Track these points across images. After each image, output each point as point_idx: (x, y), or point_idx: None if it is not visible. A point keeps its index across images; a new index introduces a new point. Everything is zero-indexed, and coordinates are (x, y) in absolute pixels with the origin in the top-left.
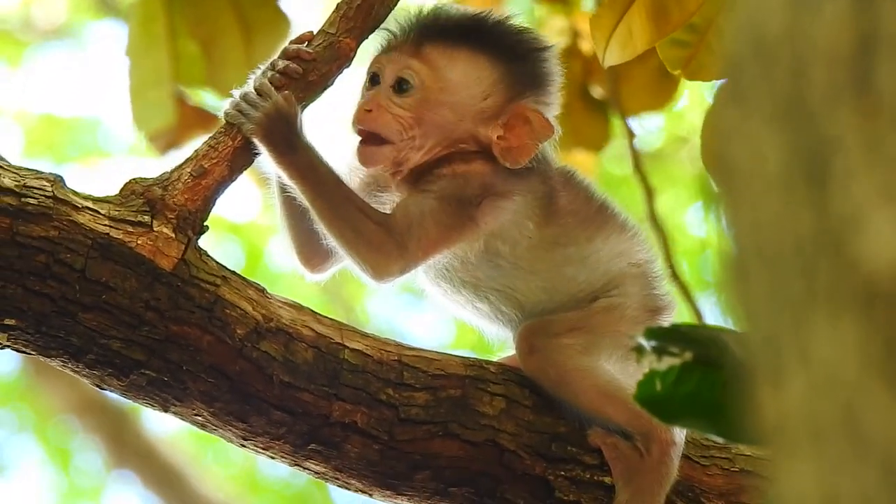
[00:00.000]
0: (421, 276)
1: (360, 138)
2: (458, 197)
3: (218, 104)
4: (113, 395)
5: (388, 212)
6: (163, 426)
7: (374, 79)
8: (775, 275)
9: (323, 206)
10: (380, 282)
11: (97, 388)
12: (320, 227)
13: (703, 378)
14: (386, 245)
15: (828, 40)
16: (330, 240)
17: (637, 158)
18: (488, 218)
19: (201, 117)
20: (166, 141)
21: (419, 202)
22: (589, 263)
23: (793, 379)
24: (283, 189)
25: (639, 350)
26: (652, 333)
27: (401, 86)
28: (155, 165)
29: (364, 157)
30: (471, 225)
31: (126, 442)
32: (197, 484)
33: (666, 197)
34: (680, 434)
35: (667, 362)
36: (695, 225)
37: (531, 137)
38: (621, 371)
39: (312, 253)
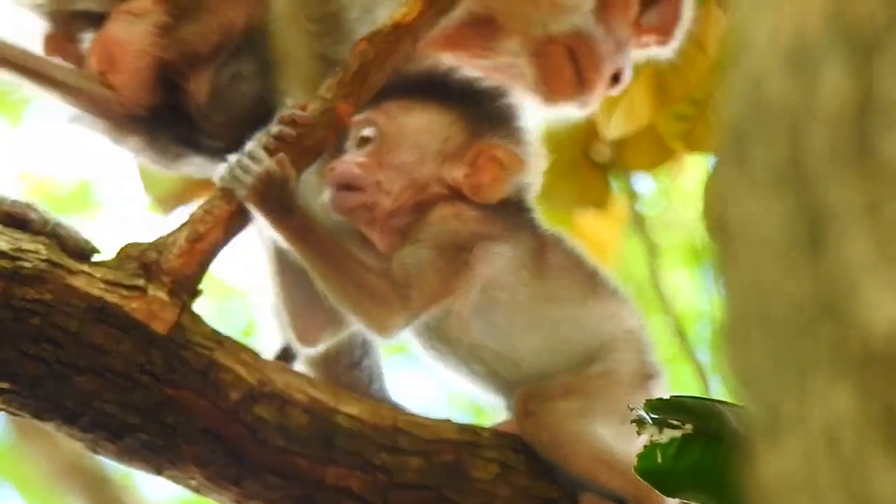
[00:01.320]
0: (416, 339)
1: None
2: (451, 243)
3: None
4: (97, 460)
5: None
6: (151, 491)
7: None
8: (774, 338)
9: (323, 264)
10: (385, 335)
11: (89, 453)
12: (321, 286)
13: (704, 450)
14: (388, 297)
15: (827, 105)
16: (332, 298)
17: (639, 219)
18: (483, 264)
19: (206, 181)
20: (172, 202)
21: (414, 252)
22: (584, 325)
23: (791, 441)
24: (277, 260)
25: (640, 422)
26: (653, 405)
27: (363, 140)
28: (157, 223)
29: (335, 203)
30: (466, 270)
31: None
32: None
33: (666, 259)
34: (673, 501)
35: (668, 434)
36: (694, 288)
37: (501, 171)
38: (617, 437)
39: (307, 325)
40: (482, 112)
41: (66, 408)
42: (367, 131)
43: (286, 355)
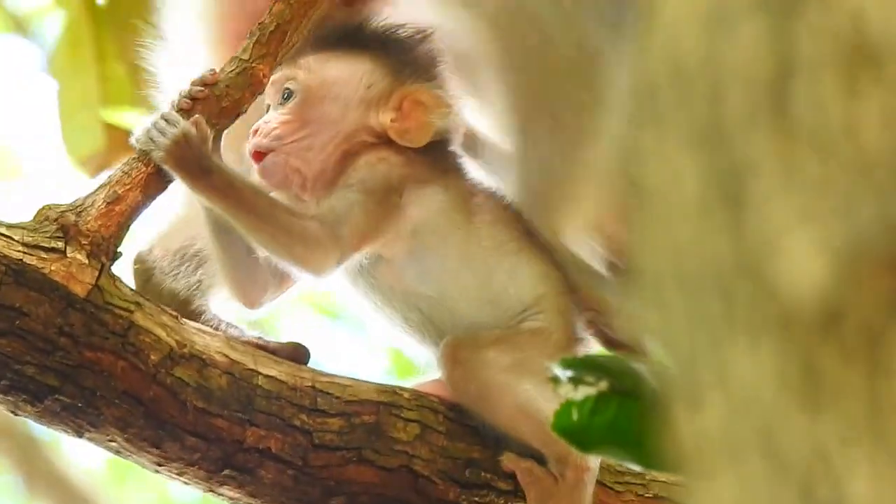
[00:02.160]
0: (349, 289)
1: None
2: (381, 185)
3: None
4: (24, 422)
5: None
6: (78, 452)
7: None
8: (692, 298)
9: (249, 217)
10: (320, 275)
11: (10, 415)
12: (251, 239)
13: (619, 407)
14: (319, 237)
15: (744, 63)
16: (263, 248)
17: None
18: (413, 206)
19: (129, 140)
20: (96, 164)
21: (343, 196)
22: (517, 277)
23: (710, 401)
24: (211, 224)
25: (555, 380)
26: (568, 363)
27: (283, 97)
28: (73, 185)
29: (263, 173)
30: (396, 212)
31: (38, 467)
32: None
33: None
34: (595, 460)
35: (583, 392)
36: None
37: (426, 115)
38: (542, 396)
39: (249, 287)
40: (404, 57)
41: None
42: (287, 86)
43: (298, 353)
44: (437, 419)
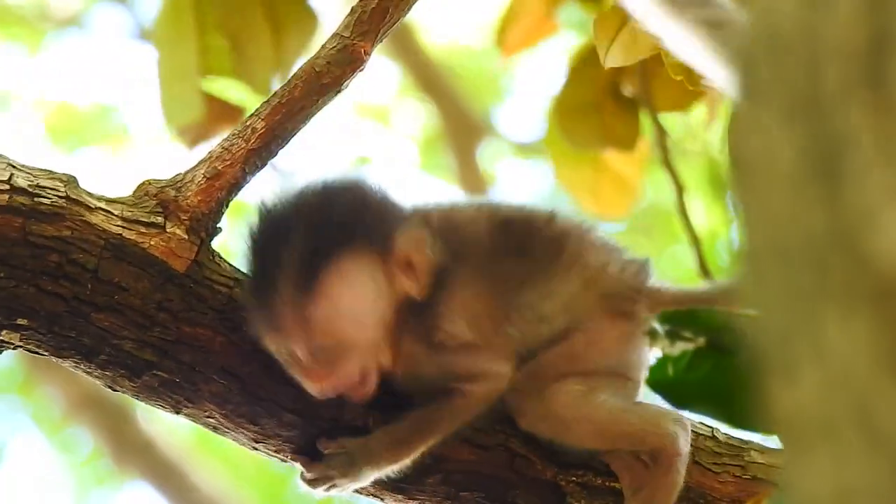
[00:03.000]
0: None
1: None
2: (444, 348)
3: (245, 98)
4: (115, 394)
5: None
6: (166, 421)
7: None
8: (788, 270)
9: (439, 435)
10: (510, 372)
11: (108, 389)
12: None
13: (715, 364)
14: (485, 394)
15: (841, 37)
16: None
17: (667, 156)
18: (448, 328)
19: (229, 111)
20: (195, 135)
21: (444, 370)
22: (546, 318)
23: (805, 374)
24: None
25: (652, 334)
26: (666, 317)
27: (322, 352)
28: (171, 154)
29: (361, 397)
30: (463, 346)
31: (127, 437)
32: (199, 478)
33: (693, 195)
34: (685, 444)
35: (680, 347)
36: (721, 223)
37: (423, 260)
38: (618, 401)
39: None
40: (373, 227)
41: (84, 345)
42: (323, 345)
43: None
44: None
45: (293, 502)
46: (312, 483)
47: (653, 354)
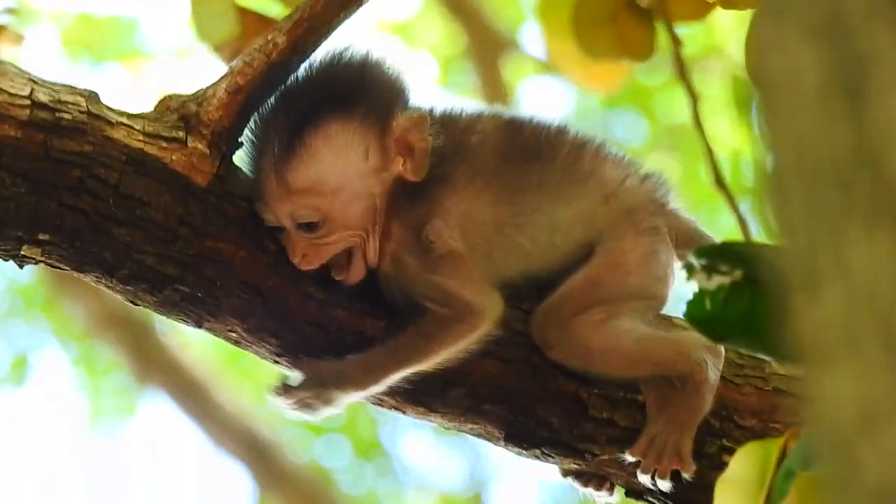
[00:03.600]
0: None
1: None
2: (434, 257)
3: (279, 11)
4: (139, 309)
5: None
6: (190, 335)
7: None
8: (812, 188)
9: (411, 365)
10: (494, 328)
11: (130, 303)
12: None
13: (753, 297)
14: (468, 327)
15: None
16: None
17: (682, 67)
18: (443, 238)
19: (263, 24)
20: (232, 50)
21: (431, 284)
22: (560, 225)
23: (829, 290)
24: None
25: (688, 268)
26: (701, 251)
27: (308, 227)
28: (190, 67)
29: (347, 279)
30: (453, 254)
31: (151, 353)
32: (223, 395)
33: (709, 107)
34: (714, 371)
35: (716, 281)
36: (732, 134)
37: (422, 141)
38: (645, 327)
39: None
40: (371, 102)
41: (106, 260)
42: (302, 217)
43: None
44: None
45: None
46: (287, 401)
47: (689, 289)
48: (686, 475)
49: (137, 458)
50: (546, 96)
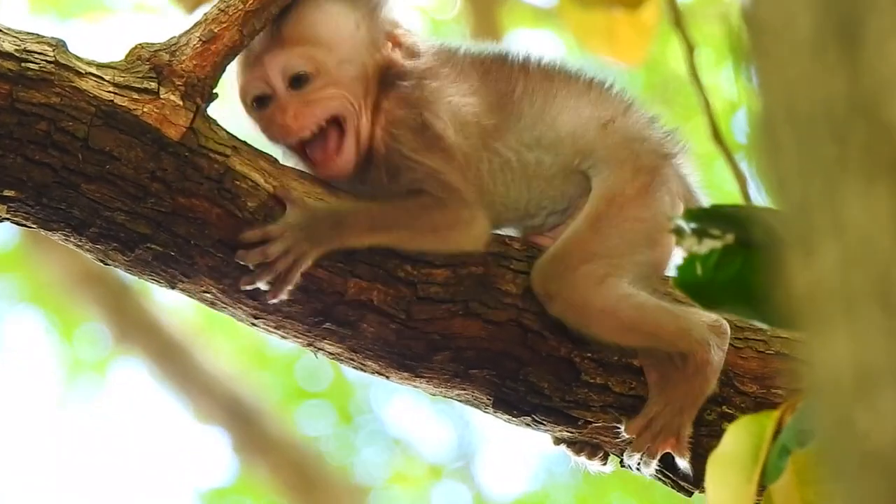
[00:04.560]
0: None
1: (312, 147)
2: (416, 142)
3: None
4: (116, 270)
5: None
6: (168, 298)
7: (261, 99)
8: (806, 139)
9: (393, 238)
10: (481, 245)
11: (101, 263)
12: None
13: (745, 261)
14: (456, 217)
15: None
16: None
17: (677, 14)
18: (438, 123)
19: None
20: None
21: (413, 171)
22: (548, 142)
23: (825, 248)
24: None
25: (678, 232)
26: (692, 214)
27: (298, 81)
28: (159, 24)
29: (342, 164)
30: (443, 139)
31: (129, 314)
32: (202, 357)
33: (705, 57)
34: (719, 352)
35: (707, 245)
36: (727, 85)
37: (405, 40)
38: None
39: None
40: None
41: (74, 217)
42: (296, 68)
43: None
44: None
45: (300, 384)
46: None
47: (680, 253)
48: (680, 461)
49: (113, 424)
50: (540, 47)
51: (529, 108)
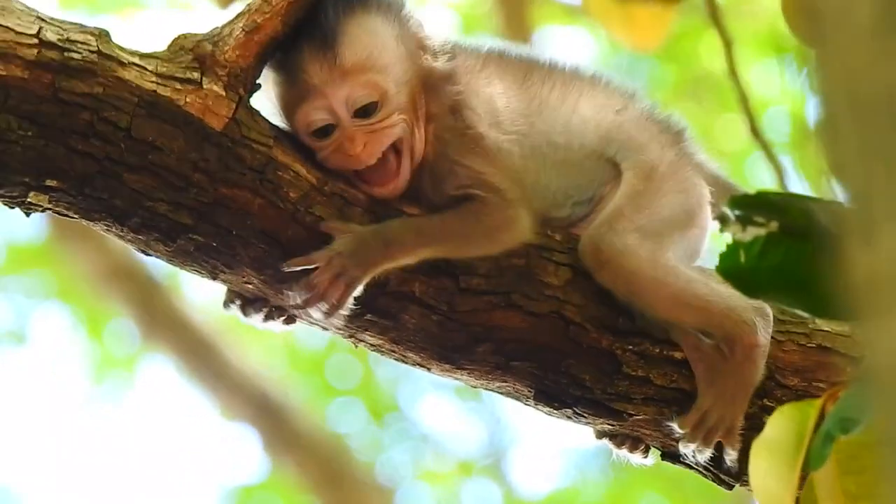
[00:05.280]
0: None
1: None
2: (460, 143)
3: None
4: (145, 262)
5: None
6: (198, 293)
7: (325, 129)
8: (867, 127)
9: (441, 249)
10: (531, 234)
11: (141, 254)
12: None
13: (789, 249)
14: (503, 217)
15: None
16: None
17: (715, 10)
18: (474, 119)
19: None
20: None
21: (460, 174)
22: (573, 126)
23: (885, 235)
24: None
25: (722, 219)
26: (736, 201)
27: (367, 111)
28: (193, 21)
29: (399, 184)
30: (482, 138)
31: (157, 309)
32: (231, 354)
33: (742, 52)
34: (765, 335)
35: (752, 232)
36: (763, 81)
37: (429, 43)
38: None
39: None
40: (389, 5)
41: (117, 207)
42: (362, 99)
43: None
44: None
45: (329, 382)
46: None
47: (723, 240)
48: (730, 452)
49: (141, 422)
50: (569, 44)
51: (552, 96)
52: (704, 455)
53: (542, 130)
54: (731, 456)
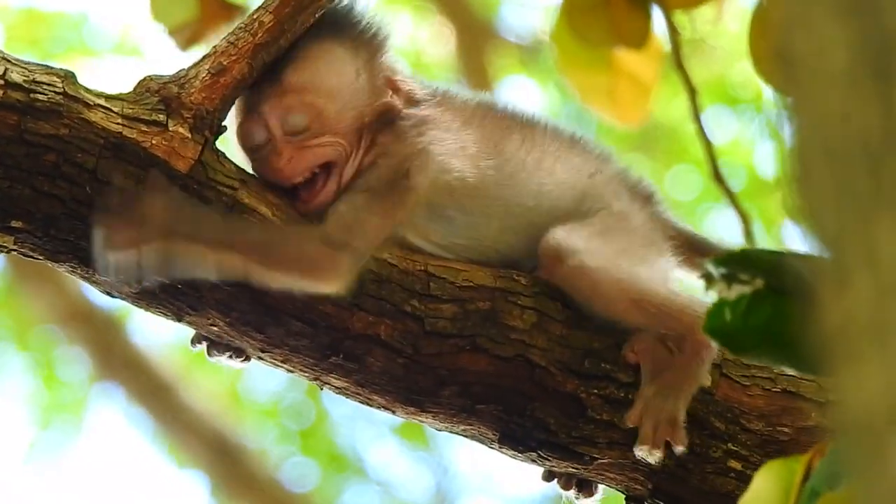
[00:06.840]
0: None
1: (301, 186)
2: (386, 179)
3: None
4: (100, 303)
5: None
6: (152, 337)
7: (257, 148)
8: (840, 172)
9: (255, 270)
10: (343, 290)
11: (106, 296)
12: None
13: (775, 307)
14: (331, 257)
15: None
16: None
17: (680, 56)
18: (420, 176)
19: (224, 9)
20: (189, 35)
21: (349, 202)
22: (545, 189)
23: (859, 281)
24: None
25: (707, 278)
26: (721, 259)
27: (296, 129)
28: (141, 65)
29: (320, 201)
30: (410, 194)
31: (112, 353)
32: (184, 397)
33: (706, 98)
34: None
35: (737, 290)
36: (715, 130)
37: (403, 87)
38: (653, 276)
39: None
40: (366, 35)
41: (82, 249)
42: (292, 117)
43: None
44: (555, 307)
45: (286, 423)
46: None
47: (708, 299)
48: (678, 448)
49: (91, 462)
50: (522, 93)
51: (529, 158)
52: (655, 457)
53: (511, 195)
54: (679, 450)
